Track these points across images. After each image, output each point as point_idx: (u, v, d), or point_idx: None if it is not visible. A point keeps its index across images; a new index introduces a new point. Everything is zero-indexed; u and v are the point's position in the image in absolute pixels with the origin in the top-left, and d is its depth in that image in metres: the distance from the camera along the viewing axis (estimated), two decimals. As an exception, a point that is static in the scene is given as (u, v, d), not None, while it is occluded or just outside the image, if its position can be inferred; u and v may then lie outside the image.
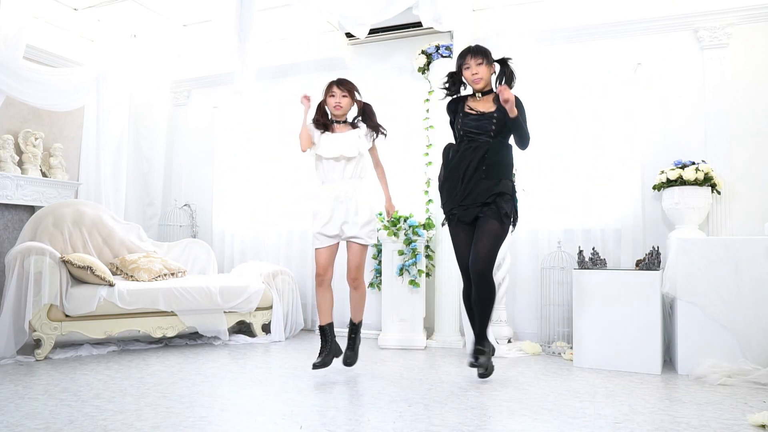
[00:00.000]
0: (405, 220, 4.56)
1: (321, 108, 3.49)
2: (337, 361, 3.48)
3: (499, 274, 4.48)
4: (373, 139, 3.49)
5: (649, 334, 3.60)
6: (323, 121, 3.46)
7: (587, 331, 3.77)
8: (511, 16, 4.65)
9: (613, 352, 3.68)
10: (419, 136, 5.02)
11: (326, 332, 3.40)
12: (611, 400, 2.93)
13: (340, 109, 3.42)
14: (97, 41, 5.59)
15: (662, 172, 4.25)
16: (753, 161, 4.29)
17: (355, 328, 3.52)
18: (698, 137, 4.42)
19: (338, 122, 3.49)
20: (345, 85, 3.42)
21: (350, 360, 3.48)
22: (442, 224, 3.51)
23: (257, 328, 4.80)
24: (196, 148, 6.21)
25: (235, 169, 5.95)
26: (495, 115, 3.26)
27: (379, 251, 4.80)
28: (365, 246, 3.44)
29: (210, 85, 6.14)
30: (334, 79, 3.47)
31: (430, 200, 4.84)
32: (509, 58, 3.35)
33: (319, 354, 3.38)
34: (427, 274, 4.67)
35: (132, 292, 4.20)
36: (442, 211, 3.43)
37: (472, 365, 3.29)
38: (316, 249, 3.43)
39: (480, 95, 3.36)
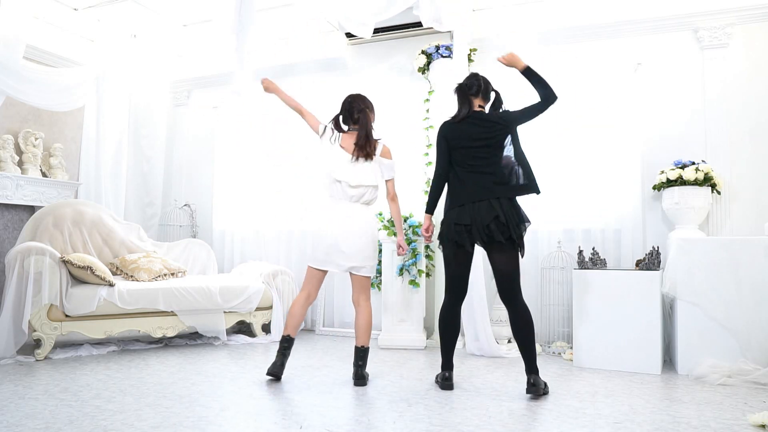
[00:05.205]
0: (405, 220, 4.56)
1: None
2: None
3: (499, 274, 4.48)
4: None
5: (649, 334, 3.60)
6: None
7: (587, 331, 3.77)
8: (511, 16, 4.65)
9: (613, 352, 3.68)
10: (419, 135, 5.02)
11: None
12: (611, 400, 2.93)
13: None
14: (97, 41, 5.59)
15: (662, 172, 4.25)
16: (753, 161, 4.29)
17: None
18: (698, 137, 4.42)
19: None
20: None
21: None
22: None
23: (257, 328, 4.80)
24: (196, 148, 6.21)
25: (235, 169, 5.95)
26: None
27: (379, 251, 4.80)
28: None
29: (210, 85, 6.14)
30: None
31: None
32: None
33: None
34: (427, 274, 4.67)
35: (132, 292, 4.20)
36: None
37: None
38: None
39: None
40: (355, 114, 3.39)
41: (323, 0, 4.33)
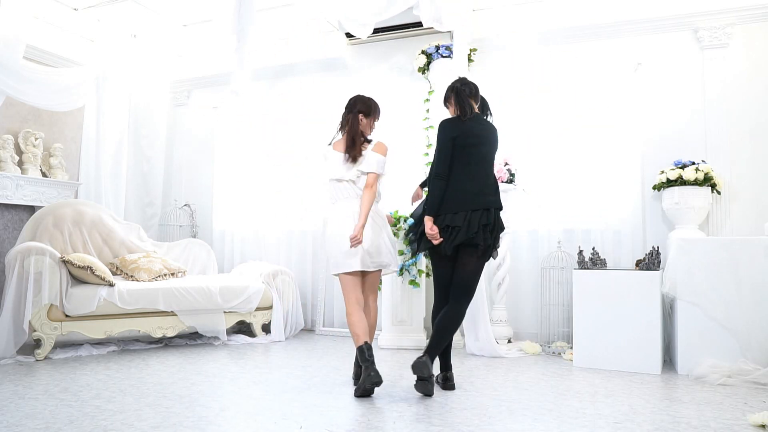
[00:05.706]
0: (405, 220, 4.56)
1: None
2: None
3: (499, 274, 4.49)
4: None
5: (649, 334, 3.60)
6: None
7: (587, 331, 3.77)
8: (511, 16, 4.65)
9: (613, 352, 3.68)
10: (419, 135, 5.02)
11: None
12: (611, 400, 2.93)
13: None
14: (97, 41, 5.59)
15: (662, 172, 4.25)
16: (753, 161, 4.29)
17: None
18: (698, 137, 4.42)
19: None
20: None
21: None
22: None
23: (257, 328, 4.80)
24: (196, 148, 6.21)
25: (235, 169, 5.95)
26: None
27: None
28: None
29: (210, 85, 6.14)
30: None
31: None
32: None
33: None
34: (427, 274, 4.67)
35: (132, 292, 4.20)
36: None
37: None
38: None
39: None
40: (347, 115, 3.35)
41: (323, 0, 4.33)
